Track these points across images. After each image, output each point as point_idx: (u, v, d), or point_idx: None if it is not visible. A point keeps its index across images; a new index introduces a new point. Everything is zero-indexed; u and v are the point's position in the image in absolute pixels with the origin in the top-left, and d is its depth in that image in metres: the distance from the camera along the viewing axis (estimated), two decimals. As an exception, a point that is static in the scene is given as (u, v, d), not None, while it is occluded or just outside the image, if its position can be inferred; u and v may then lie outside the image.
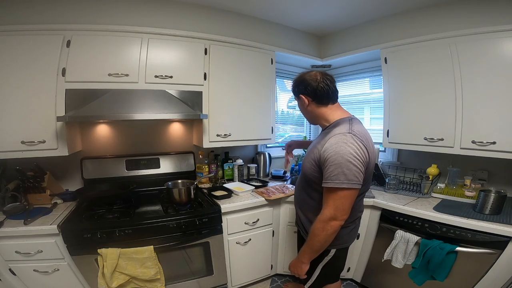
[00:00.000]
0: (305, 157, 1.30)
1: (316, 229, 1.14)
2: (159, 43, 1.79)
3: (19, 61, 1.51)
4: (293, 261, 1.30)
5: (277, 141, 2.84)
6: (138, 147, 2.13)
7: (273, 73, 2.29)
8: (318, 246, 1.17)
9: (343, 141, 1.08)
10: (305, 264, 1.24)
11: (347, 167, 1.05)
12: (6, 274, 1.38)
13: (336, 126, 1.18)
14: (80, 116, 1.55)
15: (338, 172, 1.05)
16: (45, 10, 1.63)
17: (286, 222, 2.02)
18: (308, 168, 1.22)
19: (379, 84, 2.50)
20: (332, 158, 1.06)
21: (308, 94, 1.22)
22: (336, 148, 1.07)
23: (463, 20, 1.75)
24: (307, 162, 1.25)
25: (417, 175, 2.10)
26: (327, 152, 1.09)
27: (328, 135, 1.15)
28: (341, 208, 1.09)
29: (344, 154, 1.05)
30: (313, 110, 1.25)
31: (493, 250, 1.37)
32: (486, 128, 1.60)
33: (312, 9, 2.14)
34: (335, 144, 1.08)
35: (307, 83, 1.22)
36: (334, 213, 1.10)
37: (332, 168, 1.06)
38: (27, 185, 1.64)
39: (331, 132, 1.16)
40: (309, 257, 1.23)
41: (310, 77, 1.22)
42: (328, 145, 1.10)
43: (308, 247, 1.20)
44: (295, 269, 1.27)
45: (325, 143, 1.12)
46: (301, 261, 1.24)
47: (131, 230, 1.48)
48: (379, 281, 1.89)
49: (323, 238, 1.14)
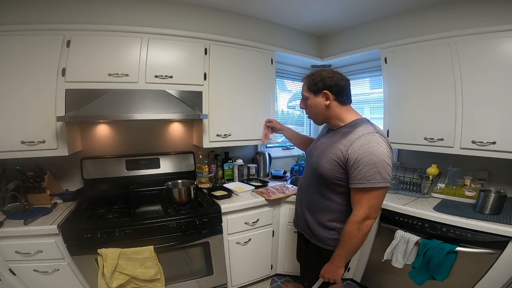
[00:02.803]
0: (319, 157, 1.24)
1: (352, 230, 1.13)
2: (159, 43, 1.79)
3: (19, 61, 1.51)
4: (326, 267, 1.25)
5: (277, 141, 2.84)
6: (138, 147, 2.13)
7: (273, 73, 2.29)
8: (355, 247, 1.17)
9: (375, 141, 1.09)
10: (341, 268, 1.22)
11: (382, 167, 1.06)
12: (6, 274, 1.38)
13: (357, 127, 1.17)
14: (80, 116, 1.55)
15: (374, 172, 1.06)
16: (45, 10, 1.63)
17: (286, 222, 2.02)
18: (328, 169, 1.18)
19: (379, 84, 2.50)
20: (367, 158, 1.07)
21: (335, 91, 1.20)
22: (369, 148, 1.07)
23: (463, 20, 1.75)
24: (325, 162, 1.20)
25: (417, 175, 2.10)
26: (358, 153, 1.08)
27: (351, 135, 1.14)
28: (376, 207, 1.11)
29: (379, 154, 1.07)
30: (332, 108, 1.23)
31: (493, 250, 1.37)
32: (486, 128, 1.60)
33: (312, 9, 2.14)
34: (367, 144, 1.08)
35: (333, 80, 1.20)
36: (369, 212, 1.10)
37: (367, 169, 1.07)
38: (27, 185, 1.64)
39: (354, 132, 1.15)
40: (345, 260, 1.21)
41: (336, 75, 1.22)
42: (359, 145, 1.09)
43: (343, 251, 1.18)
44: (330, 275, 1.24)
45: (352, 143, 1.11)
46: (336, 266, 1.21)
47: (131, 230, 1.48)
48: (379, 281, 1.89)
49: (360, 239, 1.14)
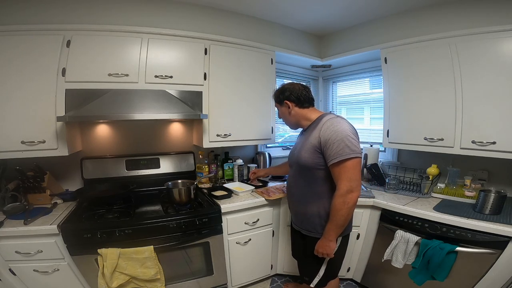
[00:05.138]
0: (299, 152, 1.39)
1: (338, 204, 1.25)
2: (159, 43, 1.79)
3: (19, 61, 1.51)
4: (319, 242, 1.36)
5: (277, 141, 2.84)
6: (138, 147, 2.13)
7: (273, 73, 2.29)
8: (342, 220, 1.27)
9: (337, 122, 1.28)
10: (333, 242, 1.33)
11: (348, 140, 1.22)
12: (6, 274, 1.38)
13: (322, 118, 1.37)
14: (80, 116, 1.55)
15: (343, 146, 1.21)
16: (45, 10, 1.63)
17: (286, 222, 2.01)
18: (308, 158, 1.33)
19: (379, 84, 2.51)
20: (334, 136, 1.24)
21: (293, 99, 1.44)
22: (334, 128, 1.26)
23: (463, 20, 1.75)
24: (304, 153, 1.35)
25: (417, 175, 2.09)
26: (326, 134, 1.26)
27: (319, 126, 1.33)
28: (354, 178, 1.23)
29: (343, 131, 1.24)
30: (296, 113, 1.46)
31: (493, 250, 1.37)
32: (486, 128, 1.60)
33: (312, 9, 2.14)
34: (331, 125, 1.27)
35: (290, 91, 1.44)
36: (350, 184, 1.22)
37: (336, 145, 1.22)
38: (27, 185, 1.64)
39: (320, 122, 1.34)
40: (335, 234, 1.31)
41: (293, 86, 1.46)
42: (325, 128, 1.28)
43: (332, 224, 1.29)
44: (323, 249, 1.34)
45: (320, 130, 1.29)
46: (328, 240, 1.32)
47: (131, 230, 1.48)
48: (379, 281, 1.89)
49: (346, 212, 1.24)
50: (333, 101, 3.02)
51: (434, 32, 1.80)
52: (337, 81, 2.94)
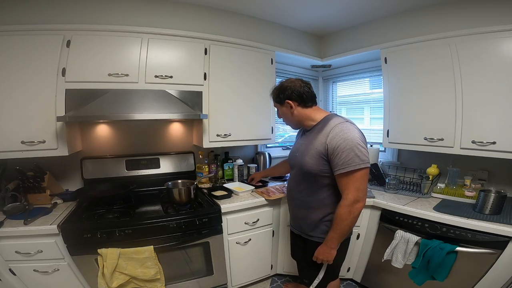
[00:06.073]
0: (302, 156, 1.32)
1: (343, 213, 1.20)
2: (159, 43, 1.79)
3: (19, 61, 1.51)
4: (320, 249, 1.32)
5: (277, 141, 2.84)
6: (138, 147, 2.13)
7: (273, 73, 2.29)
8: (347, 229, 1.24)
9: (347, 129, 1.20)
10: (334, 250, 1.30)
11: (358, 150, 1.16)
12: (6, 274, 1.38)
13: (328, 121, 1.28)
14: (80, 116, 1.55)
15: (353, 156, 1.15)
16: (45, 10, 1.63)
17: (286, 222, 2.01)
18: (313, 164, 1.27)
19: (379, 84, 2.51)
20: (343, 145, 1.17)
21: (295, 99, 1.33)
22: (343, 135, 1.18)
23: (463, 20, 1.75)
24: (308, 158, 1.28)
25: (417, 175, 2.09)
26: (334, 141, 1.19)
27: (326, 129, 1.25)
28: (362, 189, 1.19)
29: (353, 139, 1.17)
30: (299, 113, 1.36)
31: (493, 250, 1.37)
32: (486, 128, 1.60)
33: (312, 9, 2.14)
34: (340, 132, 1.19)
35: (291, 89, 1.33)
36: (357, 194, 1.18)
37: (345, 154, 1.16)
38: (27, 185, 1.64)
39: (327, 126, 1.26)
40: (338, 242, 1.29)
41: (295, 83, 1.34)
42: (333, 134, 1.20)
43: (336, 233, 1.25)
44: (324, 256, 1.31)
45: (329, 135, 1.22)
46: (330, 247, 1.29)
47: (131, 230, 1.48)
48: (379, 281, 1.89)
49: (350, 221, 1.21)
50: (333, 101, 3.02)
51: (434, 32, 1.80)
52: (337, 81, 2.94)
